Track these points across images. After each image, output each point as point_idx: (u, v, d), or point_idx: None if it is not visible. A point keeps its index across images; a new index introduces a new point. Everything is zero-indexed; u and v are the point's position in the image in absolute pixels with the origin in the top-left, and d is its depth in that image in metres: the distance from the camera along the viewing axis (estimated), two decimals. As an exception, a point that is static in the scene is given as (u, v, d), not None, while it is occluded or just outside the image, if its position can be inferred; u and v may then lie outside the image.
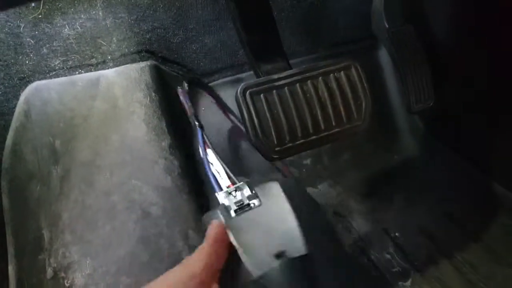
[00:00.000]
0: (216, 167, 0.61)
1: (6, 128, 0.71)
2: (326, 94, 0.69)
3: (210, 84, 0.96)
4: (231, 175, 0.59)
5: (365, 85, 0.72)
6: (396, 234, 0.92)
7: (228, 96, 0.95)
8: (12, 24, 0.72)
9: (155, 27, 0.85)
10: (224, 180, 0.58)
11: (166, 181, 0.73)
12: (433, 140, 1.10)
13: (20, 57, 0.74)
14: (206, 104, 0.96)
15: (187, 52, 0.91)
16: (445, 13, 0.96)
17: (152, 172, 0.73)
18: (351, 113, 0.67)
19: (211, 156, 0.63)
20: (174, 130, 0.81)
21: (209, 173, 0.59)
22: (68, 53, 0.77)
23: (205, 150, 0.64)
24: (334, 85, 0.70)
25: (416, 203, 0.98)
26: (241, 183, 0.54)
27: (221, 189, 0.56)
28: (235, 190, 0.53)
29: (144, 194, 0.69)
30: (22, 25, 0.72)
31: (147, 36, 0.84)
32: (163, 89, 0.81)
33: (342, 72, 0.73)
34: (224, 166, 0.60)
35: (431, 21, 0.99)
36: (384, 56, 1.11)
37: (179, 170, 0.76)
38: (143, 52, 0.83)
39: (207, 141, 0.66)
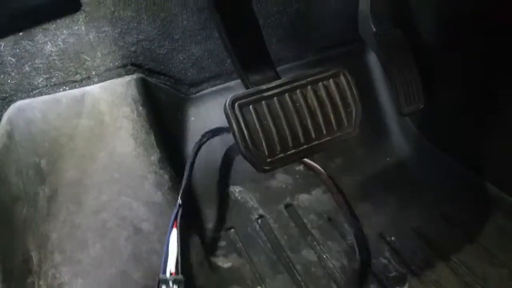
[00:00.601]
0: (172, 249, 0.63)
1: (-12, 150, 0.70)
2: (315, 103, 0.70)
3: (198, 94, 0.96)
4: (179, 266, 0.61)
5: (355, 91, 0.73)
6: (392, 238, 0.92)
7: (217, 105, 0.95)
8: (-1, 43, 0.71)
9: (140, 39, 0.84)
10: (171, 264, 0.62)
11: (156, 196, 0.73)
12: (426, 142, 1.11)
13: (1, 76, 0.73)
14: (195, 113, 0.97)
15: (174, 63, 0.91)
16: (432, 15, 0.97)
17: (142, 187, 0.72)
18: (341, 120, 0.67)
19: (174, 237, 0.64)
20: (163, 143, 0.80)
21: (164, 252, 0.62)
22: (51, 70, 0.76)
23: (172, 227, 0.65)
24: (323, 93, 0.71)
25: (411, 206, 0.99)
26: (180, 277, 0.59)
27: (164, 272, 0.60)
28: (173, 282, 0.59)
29: (135, 210, 0.69)
30: (2, 44, 0.71)
31: (132, 49, 0.84)
32: (151, 102, 0.81)
33: (331, 80, 0.73)
34: (178, 252, 0.63)
35: (418, 23, 1.00)
36: (372, 59, 1.12)
37: (169, 184, 0.76)
38: (128, 66, 0.83)
39: (178, 220, 0.66)
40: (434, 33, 0.97)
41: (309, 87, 0.72)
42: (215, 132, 0.93)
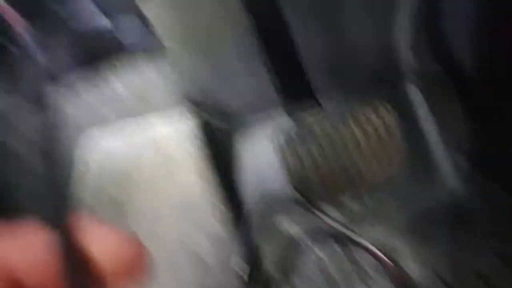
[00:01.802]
0: None
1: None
2: (361, 135, 0.76)
3: (247, 128, 1.05)
4: None
5: (398, 125, 0.78)
6: (449, 278, 0.92)
7: (263, 138, 1.03)
8: (72, 82, 0.85)
9: (194, 77, 0.96)
10: None
11: (218, 228, 0.80)
12: (477, 176, 1.11)
13: (78, 111, 0.86)
14: (245, 146, 1.05)
15: (223, 98, 1.01)
16: (473, 48, 1.02)
17: (204, 220, 0.80)
18: (386, 154, 0.71)
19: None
20: (219, 175, 0.89)
21: None
22: (120, 106, 0.88)
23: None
24: (367, 126, 0.77)
25: (464, 243, 0.98)
26: None
27: None
28: None
29: (199, 243, 0.76)
30: (80, 83, 0.85)
31: (188, 87, 0.96)
32: (208, 137, 0.90)
33: (374, 113, 0.80)
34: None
35: (460, 57, 1.04)
36: (415, 93, 1.15)
37: (228, 216, 0.83)
38: (187, 104, 0.94)
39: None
40: (477, 66, 1.01)
41: (354, 119, 0.78)
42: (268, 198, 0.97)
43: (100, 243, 0.20)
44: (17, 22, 0.38)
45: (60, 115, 0.26)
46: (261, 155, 1.03)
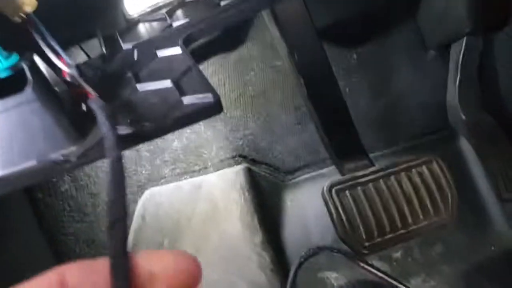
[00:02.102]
0: None
1: (127, 229, 0.88)
2: (410, 189, 0.78)
3: (294, 181, 1.09)
4: None
5: (449, 177, 0.80)
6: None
7: (312, 191, 1.07)
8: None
9: (246, 134, 1.03)
10: None
11: (260, 277, 0.83)
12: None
13: (139, 168, 0.94)
14: (291, 198, 1.08)
15: (273, 153, 1.06)
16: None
17: (247, 268, 0.83)
18: (437, 206, 0.73)
19: None
20: (265, 226, 0.93)
21: None
22: (176, 162, 0.96)
23: None
24: (417, 179, 0.79)
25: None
26: None
27: None
28: None
29: None
30: None
31: (240, 143, 1.02)
32: (255, 188, 0.95)
33: (424, 167, 0.81)
34: None
35: (509, 108, 1.05)
36: (465, 146, 1.16)
37: (271, 266, 0.86)
38: (237, 157, 1.00)
39: None
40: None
41: (403, 173, 0.80)
42: (315, 251, 0.96)
43: (159, 262, 0.23)
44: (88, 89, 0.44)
45: (124, 172, 0.31)
46: (309, 208, 1.06)
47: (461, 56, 1.03)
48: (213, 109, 0.44)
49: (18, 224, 0.86)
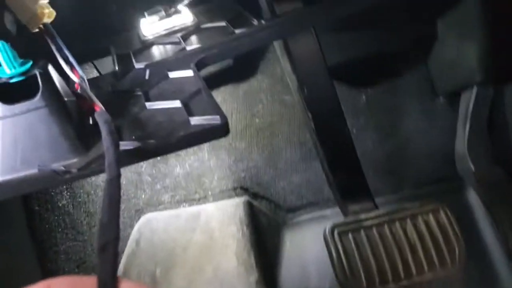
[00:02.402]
0: None
1: (119, 254, 0.87)
2: (415, 237, 0.76)
3: (295, 220, 1.08)
4: None
5: (456, 228, 0.78)
6: None
7: (313, 232, 1.05)
8: (137, 165, 0.94)
9: (249, 166, 1.02)
10: None
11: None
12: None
13: (139, 192, 0.94)
14: (291, 239, 1.07)
15: (275, 189, 1.06)
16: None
17: (241, 306, 0.81)
18: (443, 258, 0.70)
19: None
20: (261, 264, 0.91)
21: None
22: (177, 189, 0.95)
23: None
24: (423, 228, 0.77)
25: None
26: None
27: None
28: None
29: None
30: (144, 165, 0.94)
31: (242, 175, 1.02)
32: (254, 224, 0.94)
33: (430, 215, 0.80)
34: None
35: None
36: (473, 198, 1.15)
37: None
38: (238, 189, 0.99)
39: None
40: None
41: (408, 220, 0.79)
42: None
43: None
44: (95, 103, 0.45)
45: (120, 191, 0.31)
46: (309, 250, 1.04)
47: (471, 105, 1.04)
48: (220, 131, 0.44)
49: (10, 234, 0.85)
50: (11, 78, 0.41)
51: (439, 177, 1.15)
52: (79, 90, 0.47)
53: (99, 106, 0.45)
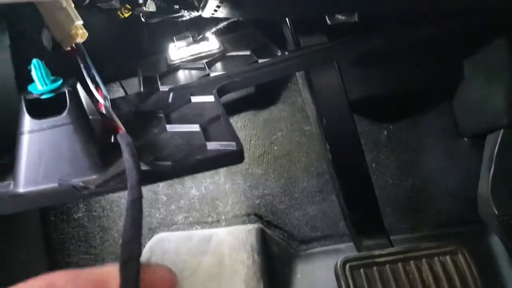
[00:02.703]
0: None
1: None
2: (430, 278, 0.75)
3: (308, 252, 1.07)
4: None
5: (475, 272, 0.76)
6: None
7: (325, 265, 1.04)
8: (154, 184, 0.97)
9: (265, 193, 1.04)
10: None
11: None
12: None
13: (153, 210, 0.96)
14: (302, 270, 1.06)
15: (290, 219, 1.06)
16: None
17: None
18: None
19: None
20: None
21: None
22: (191, 210, 0.97)
23: None
24: (439, 269, 0.76)
25: None
26: None
27: None
28: None
29: None
30: (161, 185, 0.96)
31: (257, 201, 1.03)
32: (265, 252, 0.94)
33: (448, 256, 0.79)
34: None
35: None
36: (496, 243, 1.12)
37: None
38: (251, 215, 1.00)
39: None
40: None
41: (424, 260, 0.78)
42: None
43: None
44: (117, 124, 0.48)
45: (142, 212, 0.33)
46: (320, 282, 1.03)
47: (496, 148, 1.03)
48: (235, 157, 0.46)
49: (23, 242, 0.88)
50: (42, 94, 0.44)
51: (459, 219, 1.13)
52: (102, 110, 0.50)
53: (121, 128, 0.47)
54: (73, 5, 0.50)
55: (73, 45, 0.51)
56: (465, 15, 0.76)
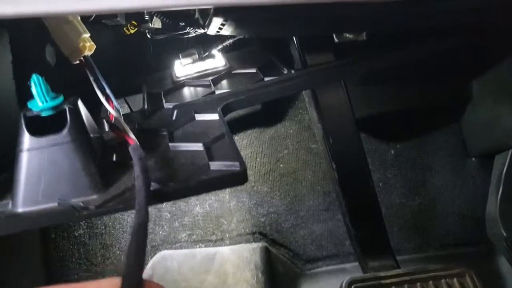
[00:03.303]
0: None
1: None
2: (438, 302, 0.73)
3: (313, 271, 1.04)
4: None
5: (483, 296, 0.74)
6: None
7: (330, 285, 1.02)
8: (165, 201, 0.95)
9: (270, 211, 1.01)
10: None
11: None
12: None
13: (157, 228, 0.94)
14: None
15: (295, 237, 1.03)
16: None
17: None
18: None
19: None
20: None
21: None
22: (194, 228, 0.95)
23: None
24: (447, 293, 0.74)
25: None
26: None
27: None
28: None
29: None
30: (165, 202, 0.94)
31: (262, 220, 1.00)
32: (269, 271, 0.91)
33: (455, 279, 0.76)
34: None
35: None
36: (504, 265, 1.09)
37: None
38: (256, 234, 0.98)
39: None
40: None
41: (430, 282, 0.75)
42: None
43: None
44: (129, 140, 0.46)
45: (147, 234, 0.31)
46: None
47: (505, 169, 1.01)
48: (238, 178, 0.44)
49: (22, 259, 0.86)
50: (41, 111, 0.43)
51: (467, 240, 1.10)
52: (113, 121, 0.49)
53: (133, 140, 0.46)
54: (79, 18, 0.49)
55: (82, 58, 0.50)
56: (470, 33, 0.75)
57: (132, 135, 0.47)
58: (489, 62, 1.01)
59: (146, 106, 0.66)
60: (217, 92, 0.67)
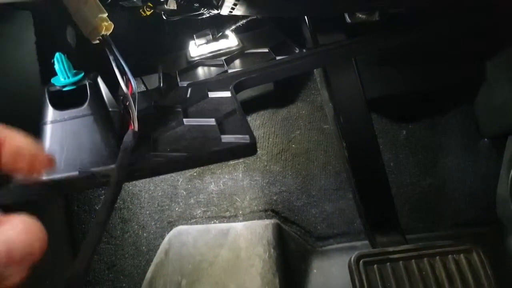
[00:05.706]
0: None
1: (149, 262, 0.90)
2: (443, 276, 0.73)
3: (324, 248, 1.06)
4: None
5: (490, 273, 0.75)
6: None
7: (341, 262, 1.03)
8: (174, 178, 0.98)
9: (282, 190, 1.03)
10: None
11: None
12: None
13: (173, 204, 0.97)
14: (318, 266, 1.05)
15: (307, 215, 1.06)
16: None
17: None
18: None
19: None
20: (286, 287, 0.90)
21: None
22: (209, 205, 0.98)
23: None
24: (453, 267, 0.75)
25: None
26: None
27: None
28: None
29: None
30: (180, 180, 0.97)
31: (274, 198, 1.03)
32: (281, 247, 0.94)
33: (462, 255, 0.77)
34: None
35: None
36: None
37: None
38: (269, 211, 1.00)
39: None
40: None
41: (437, 258, 0.76)
42: None
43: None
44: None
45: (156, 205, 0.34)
46: (335, 280, 1.02)
47: (514, 150, 1.00)
48: (247, 150, 0.46)
49: (50, 231, 0.90)
50: (64, 86, 0.45)
51: (477, 220, 1.10)
52: (124, 101, 0.51)
53: (133, 126, 0.48)
54: (97, -1, 0.51)
55: (100, 37, 0.51)
56: (484, 12, 0.74)
57: (134, 120, 0.48)
58: (504, 44, 1.00)
59: (161, 85, 0.68)
60: (230, 71, 0.69)
